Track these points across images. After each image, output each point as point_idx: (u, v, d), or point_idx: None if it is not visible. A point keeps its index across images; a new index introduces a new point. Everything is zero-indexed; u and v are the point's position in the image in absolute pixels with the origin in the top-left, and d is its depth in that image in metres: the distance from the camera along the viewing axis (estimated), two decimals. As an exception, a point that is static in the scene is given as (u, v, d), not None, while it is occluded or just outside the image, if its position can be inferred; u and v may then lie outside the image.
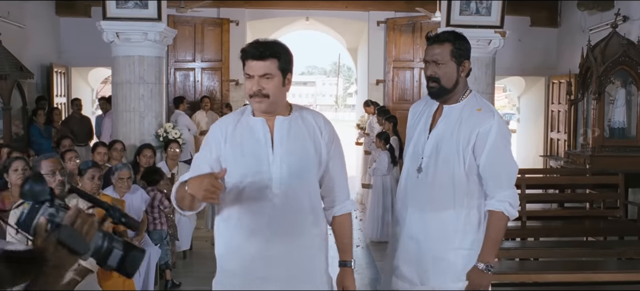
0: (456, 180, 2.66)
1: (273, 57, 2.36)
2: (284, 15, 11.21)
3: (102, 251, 1.63)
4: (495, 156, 2.63)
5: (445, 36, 2.71)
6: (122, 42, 7.26)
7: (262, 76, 2.36)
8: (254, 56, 2.36)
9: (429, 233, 2.70)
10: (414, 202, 2.76)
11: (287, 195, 2.40)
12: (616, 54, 7.39)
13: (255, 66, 2.36)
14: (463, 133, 2.65)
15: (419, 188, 2.73)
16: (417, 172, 2.74)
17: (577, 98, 8.35)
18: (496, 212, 2.65)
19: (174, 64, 10.02)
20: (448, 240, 2.67)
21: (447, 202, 2.67)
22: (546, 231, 5.91)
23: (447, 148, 2.68)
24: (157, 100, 7.51)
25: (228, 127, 2.48)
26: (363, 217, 8.64)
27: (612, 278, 4.44)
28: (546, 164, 10.22)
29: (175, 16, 9.34)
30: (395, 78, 10.20)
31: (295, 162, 2.42)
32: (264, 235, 2.39)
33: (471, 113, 2.68)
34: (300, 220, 2.44)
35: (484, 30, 7.34)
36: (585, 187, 6.80)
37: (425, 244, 2.71)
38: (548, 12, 10.45)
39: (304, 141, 2.46)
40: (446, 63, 2.67)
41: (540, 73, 10.65)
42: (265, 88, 2.37)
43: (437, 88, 2.71)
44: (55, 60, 9.98)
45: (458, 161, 2.65)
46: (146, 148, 6.39)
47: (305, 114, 2.54)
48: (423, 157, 2.74)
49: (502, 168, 2.66)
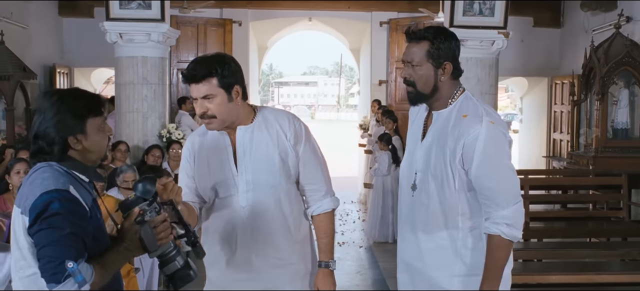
0: (447, 198, 2.31)
1: (209, 76, 2.28)
2: (287, 15, 11.21)
3: (166, 257, 1.95)
4: (485, 169, 2.23)
5: (423, 34, 2.34)
6: (126, 42, 7.27)
7: (203, 98, 2.31)
8: (189, 79, 2.31)
9: (423, 258, 2.39)
10: (409, 223, 2.44)
11: (254, 206, 2.41)
12: (619, 54, 7.38)
13: (194, 89, 2.31)
14: (449, 145, 2.28)
15: (414, 207, 2.41)
16: (412, 190, 2.41)
17: (580, 99, 8.34)
18: (493, 237, 2.25)
19: (176, 64, 10.02)
20: (444, 266, 2.35)
21: (440, 223, 2.33)
22: (549, 232, 5.91)
23: (435, 162, 2.33)
24: (160, 101, 7.52)
25: (194, 145, 2.52)
26: (366, 218, 8.64)
27: (616, 279, 4.44)
28: (549, 165, 10.21)
29: (178, 17, 9.35)
30: (398, 79, 10.18)
31: (260, 172, 2.40)
32: (232, 248, 2.44)
33: (457, 121, 2.30)
34: (271, 229, 2.43)
35: (487, 30, 7.33)
36: (589, 188, 6.80)
37: (419, 271, 2.41)
38: (551, 12, 10.43)
39: (267, 148, 2.42)
40: (421, 65, 2.32)
41: (543, 74, 10.63)
42: (209, 109, 2.31)
43: (413, 93, 2.37)
44: (58, 61, 9.98)
45: (446, 177, 2.30)
46: (154, 149, 6.48)
47: (269, 118, 2.46)
48: (416, 171, 2.41)
49: (496, 183, 2.24)
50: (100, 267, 1.83)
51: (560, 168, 8.98)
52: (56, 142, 1.90)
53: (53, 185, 1.82)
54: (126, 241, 1.93)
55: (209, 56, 2.38)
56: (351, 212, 9.50)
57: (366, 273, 6.24)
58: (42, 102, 1.96)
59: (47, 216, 1.78)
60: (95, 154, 2.01)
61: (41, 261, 1.77)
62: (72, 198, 1.83)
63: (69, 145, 1.92)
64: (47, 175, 1.86)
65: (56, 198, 1.79)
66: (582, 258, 4.81)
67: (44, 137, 1.90)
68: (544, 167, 10.23)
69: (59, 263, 1.74)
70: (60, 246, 1.75)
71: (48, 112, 1.91)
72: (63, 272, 1.73)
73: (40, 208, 1.79)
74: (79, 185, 1.91)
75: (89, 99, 1.99)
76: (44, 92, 2.05)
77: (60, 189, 1.82)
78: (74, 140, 1.92)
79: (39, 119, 1.92)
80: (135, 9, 7.20)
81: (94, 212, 1.93)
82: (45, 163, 1.91)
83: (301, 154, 2.47)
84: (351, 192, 11.17)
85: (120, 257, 1.95)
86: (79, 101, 1.96)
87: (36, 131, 1.92)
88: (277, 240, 2.45)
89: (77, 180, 1.92)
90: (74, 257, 1.75)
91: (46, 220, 1.77)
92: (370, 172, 8.45)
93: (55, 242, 1.75)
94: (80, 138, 1.93)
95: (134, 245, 1.93)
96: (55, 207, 1.78)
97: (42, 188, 1.82)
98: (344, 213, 9.23)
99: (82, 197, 1.88)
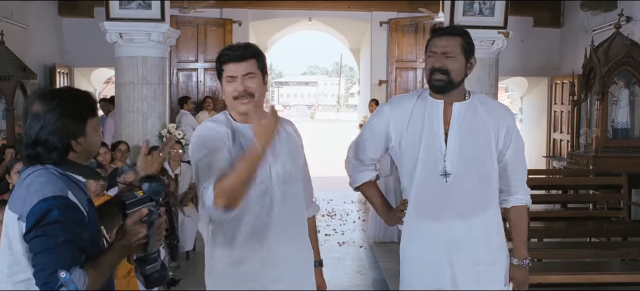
0: (492, 177, 2.58)
1: (252, 57, 2.37)
2: (287, 15, 11.22)
3: (150, 257, 1.98)
4: (519, 151, 2.63)
5: (457, 30, 2.62)
6: (126, 42, 7.27)
7: (245, 75, 2.35)
8: (234, 58, 2.36)
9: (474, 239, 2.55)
10: (449, 209, 2.55)
11: (288, 200, 2.40)
12: (619, 54, 7.39)
13: (237, 68, 2.35)
14: (491, 129, 2.56)
15: (452, 193, 2.54)
16: (444, 177, 2.54)
17: (580, 99, 8.35)
18: (523, 207, 2.66)
19: (176, 64, 10.03)
20: (495, 242, 2.61)
21: (486, 202, 2.58)
22: (549, 232, 5.90)
23: (475, 147, 2.55)
24: (161, 101, 7.53)
25: (224, 137, 2.35)
26: (366, 218, 8.63)
27: (616, 279, 4.43)
28: (549, 165, 10.21)
29: (178, 16, 9.36)
30: (398, 79, 10.20)
31: (288, 165, 2.43)
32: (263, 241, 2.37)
33: (490, 109, 2.60)
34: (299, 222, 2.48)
35: (488, 30, 7.33)
36: (589, 187, 6.79)
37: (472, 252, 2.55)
38: (551, 12, 10.44)
39: (289, 143, 2.47)
40: (456, 56, 2.53)
41: (543, 73, 10.64)
42: (250, 87, 2.36)
43: (444, 81, 2.52)
44: (58, 61, 9.99)
45: (490, 158, 2.56)
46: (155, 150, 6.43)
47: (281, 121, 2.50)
48: (445, 160, 2.54)
49: (525, 163, 2.68)
50: (94, 271, 1.82)
51: (560, 168, 8.99)
52: (57, 148, 1.87)
53: (51, 191, 1.80)
54: (125, 240, 1.91)
55: (247, 42, 2.49)
56: (351, 212, 9.48)
57: (366, 273, 6.23)
58: (37, 106, 1.89)
59: (44, 224, 1.76)
60: (91, 154, 2.01)
61: (35, 268, 1.77)
62: (71, 204, 1.81)
63: (71, 148, 1.90)
64: (45, 179, 1.83)
65: (55, 206, 1.77)
66: (582, 258, 4.81)
67: (45, 144, 1.86)
68: (544, 167, 10.23)
69: (52, 273, 1.73)
70: (54, 254, 1.74)
71: (49, 118, 1.87)
72: (55, 282, 1.72)
73: (38, 215, 1.77)
74: (76, 187, 1.90)
75: (85, 100, 1.97)
76: (36, 95, 1.95)
77: (58, 195, 1.80)
78: (75, 143, 1.91)
79: (38, 125, 1.86)
80: (135, 8, 7.20)
81: (91, 213, 1.91)
82: (40, 166, 1.88)
83: (304, 158, 2.57)
84: (351, 192, 11.11)
85: (117, 256, 1.94)
86: (77, 103, 1.93)
87: (36, 137, 1.87)
88: (302, 236, 2.51)
89: (73, 182, 1.90)
90: (68, 265, 1.74)
91: (43, 228, 1.76)
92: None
93: (50, 250, 1.75)
94: (80, 141, 1.92)
95: (133, 245, 1.92)
96: (54, 215, 1.77)
97: (40, 194, 1.79)
98: (344, 213, 9.22)
99: (79, 199, 1.86)
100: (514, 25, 8.05)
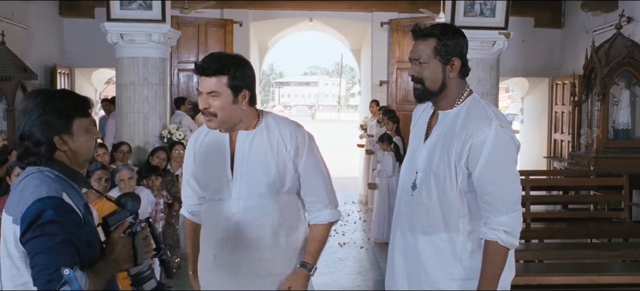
0: (449, 199, 2.28)
1: (220, 73, 2.26)
2: (288, 16, 11.21)
3: (143, 275, 1.96)
4: (489, 173, 2.21)
5: (429, 31, 2.32)
6: (126, 43, 7.27)
7: (209, 93, 2.28)
8: (203, 72, 2.29)
9: (421, 259, 2.35)
10: (407, 223, 2.40)
11: (245, 214, 2.38)
12: (620, 55, 7.38)
13: (202, 82, 2.30)
14: (456, 145, 2.25)
15: (413, 207, 2.37)
16: (412, 189, 2.37)
17: (581, 100, 8.34)
18: (490, 242, 2.22)
19: (177, 64, 10.02)
20: (443, 268, 2.31)
21: (440, 224, 2.30)
22: (550, 233, 5.90)
23: (438, 162, 2.30)
24: (161, 102, 7.53)
25: (196, 143, 2.52)
26: (367, 218, 8.64)
27: (617, 280, 4.43)
28: (550, 165, 10.20)
29: (178, 17, 9.35)
30: (398, 80, 10.19)
31: (255, 181, 2.37)
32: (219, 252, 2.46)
33: (466, 121, 2.27)
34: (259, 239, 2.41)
35: (488, 31, 7.33)
36: (590, 188, 6.80)
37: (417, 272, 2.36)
38: (552, 13, 10.43)
39: (265, 157, 2.38)
40: (428, 62, 2.30)
41: (543, 74, 10.63)
42: (211, 106, 2.28)
43: (420, 89, 2.35)
44: (59, 61, 9.99)
45: (449, 178, 2.26)
46: (160, 151, 6.52)
47: (272, 125, 2.42)
48: (417, 171, 2.37)
49: (498, 189, 2.22)
50: (93, 275, 1.79)
51: (561, 168, 8.98)
52: (42, 142, 1.86)
53: (46, 192, 1.78)
54: (115, 253, 1.89)
55: (226, 54, 2.40)
56: (352, 212, 9.49)
57: (367, 274, 6.24)
58: (27, 102, 1.91)
59: (40, 224, 1.73)
60: (83, 156, 1.97)
61: (35, 269, 1.72)
62: (65, 205, 1.79)
63: (55, 146, 1.88)
64: (39, 181, 1.82)
65: (49, 206, 1.75)
66: (583, 259, 4.81)
67: (30, 137, 1.87)
68: (545, 168, 10.22)
69: (55, 271, 1.68)
70: (55, 253, 1.70)
71: (33, 112, 1.88)
72: (59, 279, 1.67)
73: (33, 216, 1.74)
74: (72, 190, 1.88)
75: (75, 99, 1.95)
76: (28, 93, 2.01)
77: (53, 196, 1.77)
78: (59, 140, 1.88)
79: (25, 119, 1.89)
80: (136, 9, 7.20)
81: (86, 217, 1.89)
82: (35, 169, 1.87)
83: (302, 167, 2.43)
84: (352, 192, 11.16)
85: (110, 269, 1.90)
86: (64, 101, 1.92)
87: (22, 132, 1.88)
88: (264, 251, 2.42)
89: (69, 185, 1.89)
90: (69, 265, 1.69)
91: (39, 228, 1.72)
92: (374, 173, 8.43)
93: (50, 249, 1.71)
94: (66, 139, 1.89)
95: (123, 257, 1.90)
96: (49, 214, 1.74)
97: (34, 195, 1.77)
98: (345, 213, 9.22)
99: (75, 202, 1.84)
100: (514, 25, 8.05)
